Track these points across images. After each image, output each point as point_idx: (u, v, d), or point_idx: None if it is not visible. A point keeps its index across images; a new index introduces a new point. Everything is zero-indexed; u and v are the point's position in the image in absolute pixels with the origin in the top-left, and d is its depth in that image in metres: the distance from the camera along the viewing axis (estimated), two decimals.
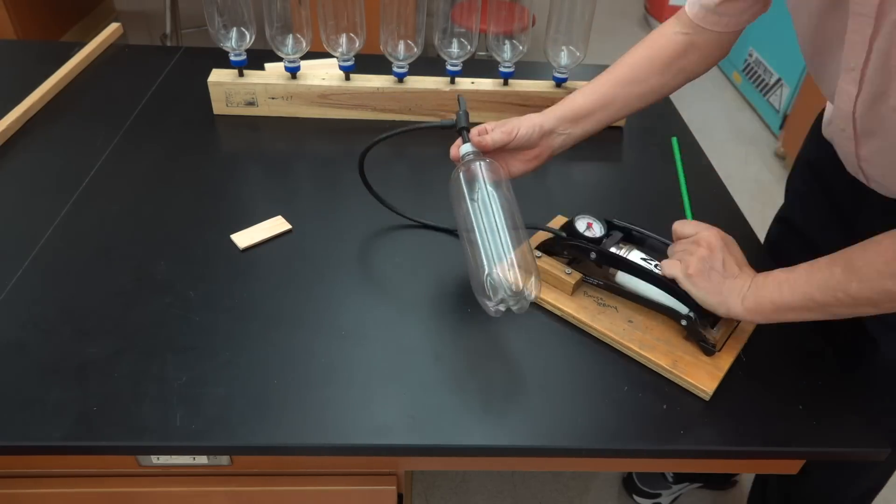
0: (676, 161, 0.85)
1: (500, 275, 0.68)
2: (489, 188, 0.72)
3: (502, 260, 0.68)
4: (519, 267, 0.68)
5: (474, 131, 0.76)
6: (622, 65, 0.83)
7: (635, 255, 0.75)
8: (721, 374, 0.70)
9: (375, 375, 0.70)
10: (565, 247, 0.79)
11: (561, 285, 0.79)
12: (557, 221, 0.87)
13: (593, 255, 0.76)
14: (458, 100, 0.80)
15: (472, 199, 0.72)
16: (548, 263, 0.79)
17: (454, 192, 0.74)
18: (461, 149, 0.76)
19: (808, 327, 0.79)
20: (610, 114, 0.83)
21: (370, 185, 0.86)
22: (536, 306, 0.79)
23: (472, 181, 0.73)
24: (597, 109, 0.81)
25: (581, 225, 0.78)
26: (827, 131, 0.86)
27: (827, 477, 1.00)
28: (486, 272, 0.68)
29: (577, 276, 0.78)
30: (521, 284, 0.67)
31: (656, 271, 0.74)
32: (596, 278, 0.78)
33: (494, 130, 0.76)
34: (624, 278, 0.76)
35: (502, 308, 0.69)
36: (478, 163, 0.74)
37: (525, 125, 0.77)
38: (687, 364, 0.71)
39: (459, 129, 0.77)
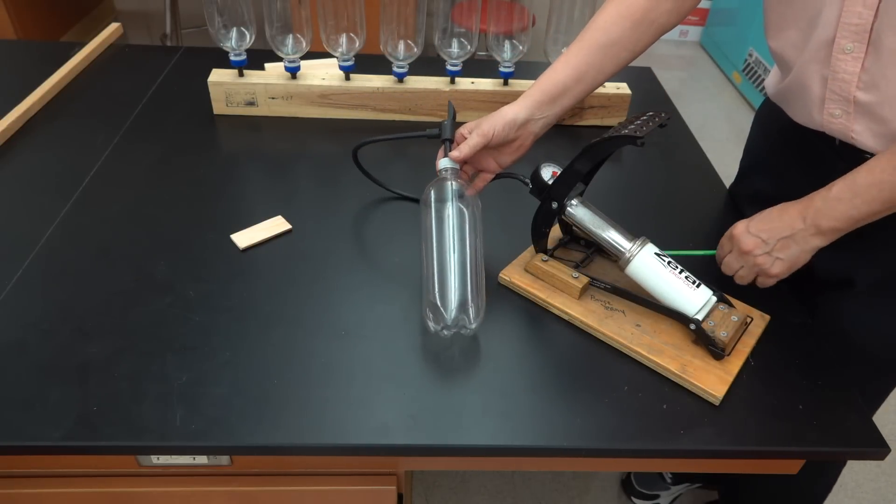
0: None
1: (441, 309, 0.70)
2: (453, 220, 0.74)
3: (446, 296, 0.70)
4: (462, 306, 0.70)
5: (455, 146, 0.78)
6: (593, 29, 0.81)
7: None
8: (731, 379, 0.70)
9: (375, 375, 0.70)
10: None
11: (568, 289, 0.78)
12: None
13: (555, 205, 0.77)
14: (449, 106, 0.81)
15: (437, 220, 0.74)
16: (555, 267, 0.79)
17: (423, 208, 0.76)
18: (440, 163, 0.78)
19: (809, 325, 0.79)
20: (586, 86, 0.81)
21: (366, 170, 0.90)
22: (541, 309, 0.79)
23: (440, 202, 0.75)
24: (571, 84, 0.80)
25: (546, 173, 0.78)
26: (805, 72, 0.80)
27: (782, 480, 1.00)
28: (429, 302, 0.71)
29: (585, 280, 0.78)
30: (462, 322, 0.70)
31: (605, 235, 0.76)
32: (603, 282, 0.78)
33: (471, 135, 0.76)
34: (634, 273, 0.75)
35: (445, 332, 0.71)
36: (449, 184, 0.76)
37: (500, 125, 0.77)
38: (696, 368, 0.71)
39: (443, 140, 0.79)
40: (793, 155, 0.88)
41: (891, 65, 0.69)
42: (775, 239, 0.73)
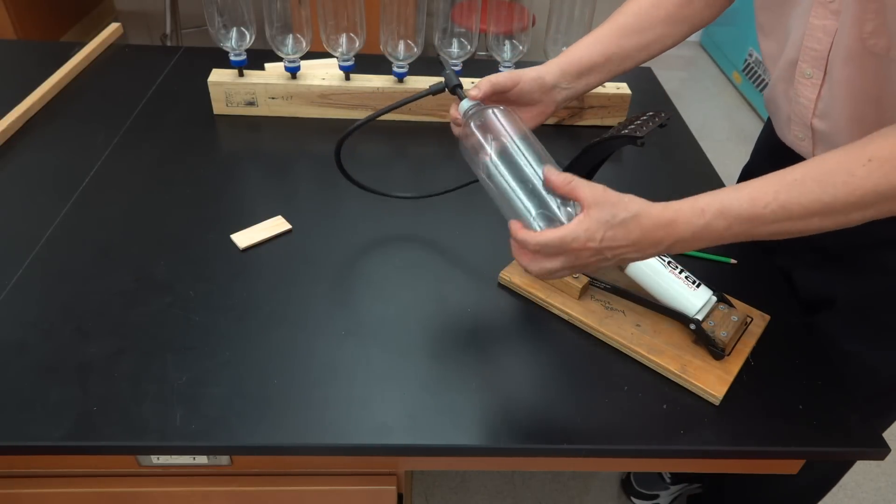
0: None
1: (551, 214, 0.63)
2: (511, 134, 0.67)
3: (547, 207, 0.63)
4: (562, 208, 0.63)
5: (470, 86, 0.72)
6: (625, 13, 0.80)
7: None
8: (730, 379, 0.70)
9: (375, 375, 0.70)
10: None
11: (568, 289, 0.78)
12: None
13: None
14: (440, 59, 0.76)
15: (494, 151, 0.67)
16: None
17: (469, 148, 0.69)
18: (461, 105, 0.72)
19: (809, 326, 0.79)
20: (612, 67, 0.80)
21: (346, 171, 0.82)
22: (541, 309, 0.79)
23: (486, 131, 0.68)
24: (600, 63, 0.79)
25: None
26: (776, 90, 0.80)
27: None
28: (538, 216, 0.64)
29: (585, 280, 0.78)
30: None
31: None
32: (604, 282, 0.78)
33: (496, 75, 0.72)
34: (634, 273, 0.75)
35: None
36: (488, 110, 0.69)
37: (527, 77, 0.74)
38: (696, 369, 0.71)
39: (453, 88, 0.73)
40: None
41: (841, 97, 0.68)
42: (620, 257, 0.61)
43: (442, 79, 0.74)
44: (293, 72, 1.07)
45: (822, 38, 0.67)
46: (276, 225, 0.88)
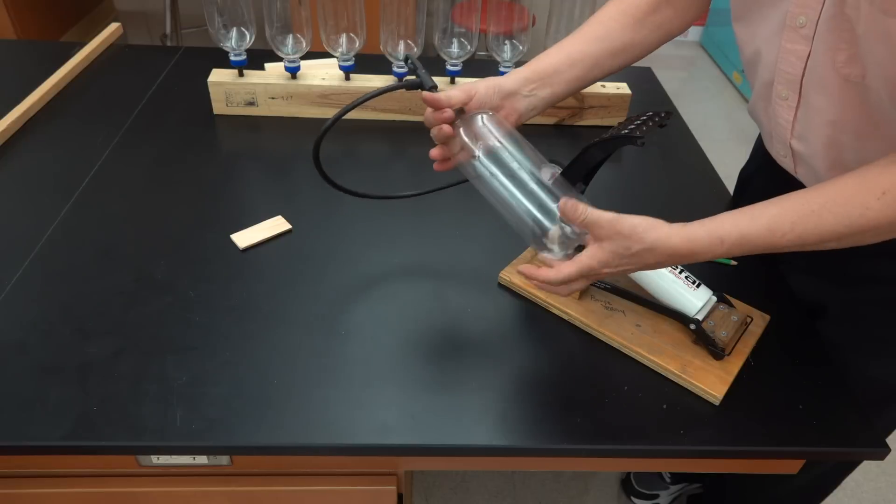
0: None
1: (552, 234, 0.66)
2: (501, 141, 0.68)
3: (546, 215, 0.66)
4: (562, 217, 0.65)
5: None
6: (591, 22, 0.80)
7: None
8: (731, 379, 0.70)
9: (375, 375, 0.70)
10: None
11: None
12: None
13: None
14: (408, 60, 0.73)
15: (488, 158, 0.68)
16: None
17: (465, 161, 0.70)
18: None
19: (808, 327, 0.79)
20: (580, 73, 0.79)
21: (324, 171, 0.78)
22: (541, 309, 0.79)
23: (476, 138, 0.69)
24: (564, 68, 0.78)
25: (545, 174, 0.77)
26: (757, 106, 0.80)
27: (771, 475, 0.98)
28: (537, 236, 0.66)
29: None
30: (574, 231, 0.65)
31: None
32: (603, 282, 0.78)
33: (452, 89, 0.72)
34: (634, 273, 0.75)
35: (570, 251, 0.67)
36: (478, 116, 0.70)
37: (483, 85, 0.73)
38: (696, 369, 0.71)
39: (430, 89, 0.72)
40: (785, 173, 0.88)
41: (817, 121, 0.68)
42: (631, 269, 0.66)
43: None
44: (293, 72, 1.07)
45: (795, 62, 0.67)
46: (276, 225, 0.88)
